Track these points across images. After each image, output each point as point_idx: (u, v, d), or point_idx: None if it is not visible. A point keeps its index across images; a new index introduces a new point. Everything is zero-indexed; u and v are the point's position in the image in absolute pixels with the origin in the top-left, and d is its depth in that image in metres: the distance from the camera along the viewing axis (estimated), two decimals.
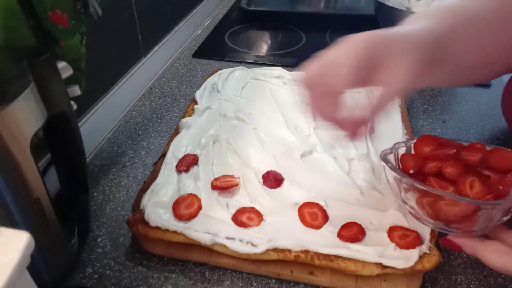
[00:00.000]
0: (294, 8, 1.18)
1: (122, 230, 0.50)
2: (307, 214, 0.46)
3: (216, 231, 0.44)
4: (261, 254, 0.42)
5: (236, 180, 0.50)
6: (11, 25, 0.31)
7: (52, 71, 0.37)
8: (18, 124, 0.32)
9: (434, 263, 0.41)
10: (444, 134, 0.66)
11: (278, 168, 0.53)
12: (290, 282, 0.44)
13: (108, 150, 0.63)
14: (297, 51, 0.95)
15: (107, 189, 0.56)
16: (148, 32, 0.78)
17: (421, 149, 0.45)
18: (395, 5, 0.88)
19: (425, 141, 0.45)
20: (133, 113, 0.72)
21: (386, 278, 0.42)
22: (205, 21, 1.12)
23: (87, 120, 0.61)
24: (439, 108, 0.73)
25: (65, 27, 0.38)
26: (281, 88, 0.71)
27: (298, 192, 0.49)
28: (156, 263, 0.46)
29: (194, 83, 0.81)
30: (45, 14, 0.35)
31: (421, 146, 0.45)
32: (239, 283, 0.44)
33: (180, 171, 0.52)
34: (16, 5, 0.31)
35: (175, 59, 0.91)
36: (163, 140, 0.65)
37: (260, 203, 0.47)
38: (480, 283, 0.44)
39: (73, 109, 0.42)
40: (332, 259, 0.42)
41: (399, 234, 0.43)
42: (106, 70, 0.67)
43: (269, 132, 0.59)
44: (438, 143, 0.44)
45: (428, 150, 0.44)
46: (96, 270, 0.45)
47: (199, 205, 0.47)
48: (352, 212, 0.47)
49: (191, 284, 0.44)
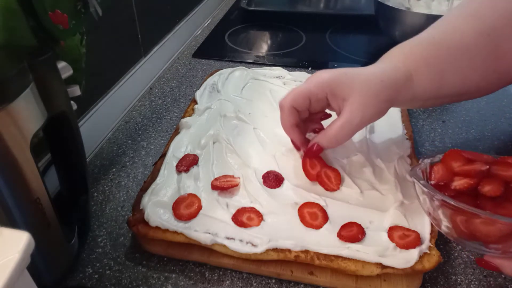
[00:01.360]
0: (294, 8, 1.18)
1: (122, 230, 0.50)
2: (307, 214, 0.46)
3: (216, 231, 0.44)
4: (261, 254, 0.42)
5: (236, 180, 0.50)
6: (11, 25, 0.31)
7: (52, 71, 0.37)
8: (18, 124, 0.32)
9: (434, 263, 0.41)
10: (444, 134, 0.66)
11: (278, 168, 0.53)
12: (290, 282, 0.44)
13: (108, 150, 0.63)
14: (297, 51, 0.95)
15: (107, 189, 0.56)
16: (148, 32, 0.78)
17: (449, 164, 0.43)
18: (395, 5, 0.88)
19: (453, 156, 0.43)
20: (133, 113, 0.72)
21: (386, 278, 0.42)
22: (205, 21, 1.12)
23: (87, 120, 0.61)
24: (439, 108, 0.73)
25: (65, 27, 0.38)
26: (281, 88, 0.71)
27: (298, 192, 0.49)
28: (156, 263, 0.46)
29: (194, 83, 0.81)
30: (45, 14, 0.35)
31: (449, 161, 0.43)
32: (239, 283, 0.44)
33: (180, 171, 0.52)
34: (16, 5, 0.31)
35: (175, 59, 0.91)
36: (163, 140, 0.65)
37: (260, 203, 0.47)
38: (480, 283, 0.44)
39: (73, 109, 0.42)
40: (332, 259, 0.42)
41: (399, 234, 0.43)
42: (106, 70, 0.67)
43: (269, 132, 0.59)
44: (466, 157, 0.42)
45: (457, 165, 0.42)
46: (96, 270, 0.45)
47: (199, 205, 0.47)
48: (352, 212, 0.47)
49: (191, 284, 0.44)
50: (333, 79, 0.45)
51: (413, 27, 0.81)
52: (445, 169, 0.43)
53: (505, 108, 0.73)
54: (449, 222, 0.39)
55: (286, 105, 0.48)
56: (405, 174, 0.52)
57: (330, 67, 0.86)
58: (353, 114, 0.44)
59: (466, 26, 0.46)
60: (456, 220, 0.38)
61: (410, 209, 0.47)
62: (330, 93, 0.46)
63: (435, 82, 0.46)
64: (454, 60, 0.46)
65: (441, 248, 0.47)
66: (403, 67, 0.45)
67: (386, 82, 0.44)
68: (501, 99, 0.75)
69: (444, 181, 0.41)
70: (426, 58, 0.46)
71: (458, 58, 0.46)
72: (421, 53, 0.46)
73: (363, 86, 0.44)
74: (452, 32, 0.47)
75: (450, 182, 0.41)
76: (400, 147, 0.56)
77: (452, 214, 0.38)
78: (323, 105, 0.48)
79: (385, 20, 0.91)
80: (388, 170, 0.52)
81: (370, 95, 0.43)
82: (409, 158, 0.55)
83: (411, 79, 0.45)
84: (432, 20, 0.51)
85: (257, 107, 0.65)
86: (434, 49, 0.46)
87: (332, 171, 0.51)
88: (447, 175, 0.41)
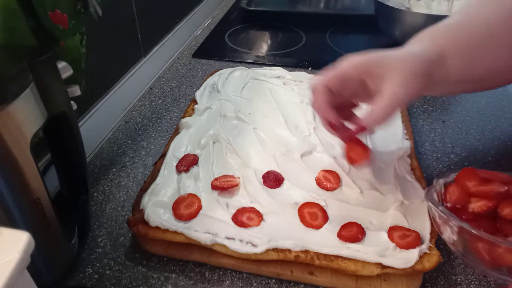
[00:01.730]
0: (294, 8, 1.18)
1: (122, 230, 0.50)
2: (307, 214, 0.46)
3: (216, 231, 0.44)
4: (261, 254, 0.42)
5: (236, 180, 0.50)
6: (11, 25, 0.31)
7: (52, 71, 0.37)
8: (18, 124, 0.32)
9: (434, 263, 0.41)
10: (444, 134, 0.66)
11: (278, 168, 0.53)
12: (290, 282, 0.44)
13: (108, 150, 0.63)
14: (297, 51, 0.95)
15: (107, 189, 0.56)
16: (148, 32, 0.78)
17: (464, 184, 0.41)
18: (395, 5, 0.88)
19: (467, 175, 0.42)
20: (133, 113, 0.72)
21: (386, 278, 0.42)
22: (205, 21, 1.12)
23: (87, 120, 0.61)
24: (439, 108, 0.73)
25: (65, 27, 0.38)
26: (281, 88, 0.71)
27: (298, 192, 0.49)
28: (156, 263, 0.46)
29: (194, 83, 0.81)
30: (45, 14, 0.35)
31: (464, 181, 0.42)
32: (239, 283, 0.44)
33: (180, 171, 0.52)
34: (16, 5, 0.31)
35: (175, 59, 0.91)
36: (163, 140, 0.65)
37: (260, 203, 0.47)
38: (480, 283, 0.44)
39: (73, 109, 0.42)
40: (332, 259, 0.42)
41: (399, 234, 0.43)
42: (106, 70, 0.67)
43: (269, 132, 0.59)
44: (481, 177, 0.41)
45: (472, 185, 0.41)
46: (96, 270, 0.45)
47: (199, 205, 0.47)
48: (352, 212, 0.47)
49: (191, 284, 0.44)
50: (370, 60, 0.44)
51: (413, 27, 0.81)
52: (460, 190, 0.41)
53: (505, 108, 0.73)
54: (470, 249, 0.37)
55: (320, 85, 0.47)
56: (405, 174, 0.52)
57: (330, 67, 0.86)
58: (397, 90, 0.42)
59: (489, 9, 0.47)
60: (478, 247, 0.36)
61: (410, 209, 0.47)
62: (367, 74, 0.44)
63: (466, 62, 0.46)
64: (483, 40, 0.46)
65: (441, 248, 0.47)
66: (435, 47, 0.45)
67: (424, 59, 0.44)
68: (501, 99, 0.75)
69: (460, 204, 0.40)
70: (456, 39, 0.46)
71: (486, 39, 0.46)
72: (451, 34, 0.46)
73: (402, 64, 0.43)
74: (477, 16, 0.47)
75: (467, 204, 0.39)
76: (400, 147, 0.56)
77: (472, 242, 0.37)
78: (355, 89, 0.47)
79: (385, 20, 0.91)
80: (388, 170, 0.52)
81: (411, 71, 0.43)
82: (409, 158, 0.55)
83: (443, 58, 0.45)
84: (432, 20, 0.51)
85: (257, 107, 0.65)
86: (462, 31, 0.46)
87: (330, 173, 0.51)
88: (462, 197, 0.40)
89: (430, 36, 0.47)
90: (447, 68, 0.45)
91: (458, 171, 0.43)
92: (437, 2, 0.92)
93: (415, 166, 0.54)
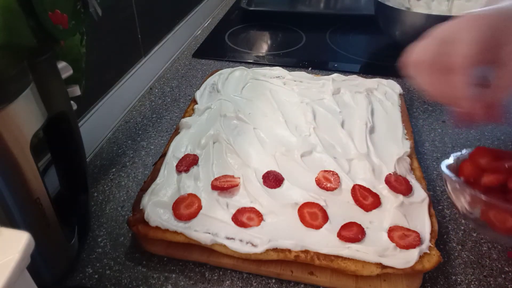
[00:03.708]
0: (294, 8, 1.18)
1: (122, 230, 0.50)
2: (307, 214, 0.46)
3: (216, 231, 0.44)
4: (261, 254, 0.42)
5: (236, 180, 0.50)
6: (11, 25, 0.31)
7: (52, 71, 0.37)
8: (18, 124, 0.32)
9: (434, 263, 0.41)
10: (444, 134, 0.66)
11: (278, 168, 0.53)
12: (290, 282, 0.44)
13: (108, 150, 0.63)
14: (297, 51, 0.95)
15: (107, 189, 0.56)
16: (148, 32, 0.78)
17: (477, 161, 0.44)
18: (395, 5, 0.88)
19: (480, 152, 0.44)
20: (133, 113, 0.72)
21: (386, 278, 0.42)
22: (205, 21, 1.12)
23: (87, 120, 0.61)
24: (439, 108, 0.73)
25: (65, 27, 0.38)
26: (281, 88, 0.71)
27: (298, 192, 0.49)
28: (156, 263, 0.46)
29: (194, 83, 0.81)
30: (45, 14, 0.35)
31: (477, 158, 0.44)
32: (239, 283, 0.44)
33: (180, 171, 0.52)
34: (16, 5, 0.31)
35: (175, 59, 0.91)
36: (163, 140, 0.65)
37: (260, 203, 0.47)
38: (480, 283, 0.44)
39: (73, 109, 0.42)
40: (332, 259, 0.42)
41: (399, 234, 0.43)
42: (106, 70, 0.67)
43: (269, 132, 0.59)
44: (493, 154, 0.43)
45: (485, 161, 0.43)
46: (96, 270, 0.45)
47: (199, 205, 0.47)
48: (352, 212, 0.47)
49: (191, 284, 0.44)
50: (491, 21, 0.38)
51: (413, 27, 0.81)
52: (473, 165, 0.44)
53: (505, 108, 0.73)
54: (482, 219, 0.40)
55: (462, 62, 0.38)
56: (405, 174, 0.52)
57: (330, 67, 0.86)
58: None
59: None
60: (490, 216, 0.39)
61: (410, 209, 0.47)
62: (492, 43, 0.37)
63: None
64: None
65: (441, 248, 0.47)
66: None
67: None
68: None
69: (473, 178, 0.42)
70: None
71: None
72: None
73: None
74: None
75: (479, 178, 0.42)
76: (400, 147, 0.56)
77: (484, 211, 0.40)
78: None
79: (385, 20, 0.91)
80: (388, 170, 0.52)
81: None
82: (409, 158, 0.55)
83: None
84: (432, 20, 0.50)
85: (257, 107, 0.65)
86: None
87: (330, 173, 0.51)
88: (476, 172, 0.43)
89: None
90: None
91: (472, 150, 0.45)
92: (437, 2, 0.92)
93: (415, 166, 0.54)
